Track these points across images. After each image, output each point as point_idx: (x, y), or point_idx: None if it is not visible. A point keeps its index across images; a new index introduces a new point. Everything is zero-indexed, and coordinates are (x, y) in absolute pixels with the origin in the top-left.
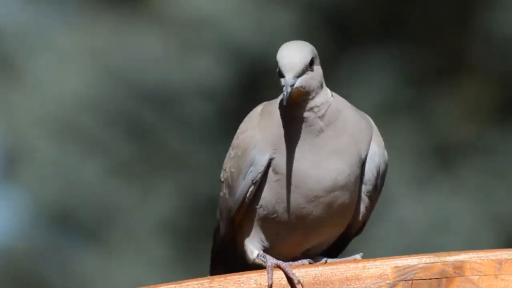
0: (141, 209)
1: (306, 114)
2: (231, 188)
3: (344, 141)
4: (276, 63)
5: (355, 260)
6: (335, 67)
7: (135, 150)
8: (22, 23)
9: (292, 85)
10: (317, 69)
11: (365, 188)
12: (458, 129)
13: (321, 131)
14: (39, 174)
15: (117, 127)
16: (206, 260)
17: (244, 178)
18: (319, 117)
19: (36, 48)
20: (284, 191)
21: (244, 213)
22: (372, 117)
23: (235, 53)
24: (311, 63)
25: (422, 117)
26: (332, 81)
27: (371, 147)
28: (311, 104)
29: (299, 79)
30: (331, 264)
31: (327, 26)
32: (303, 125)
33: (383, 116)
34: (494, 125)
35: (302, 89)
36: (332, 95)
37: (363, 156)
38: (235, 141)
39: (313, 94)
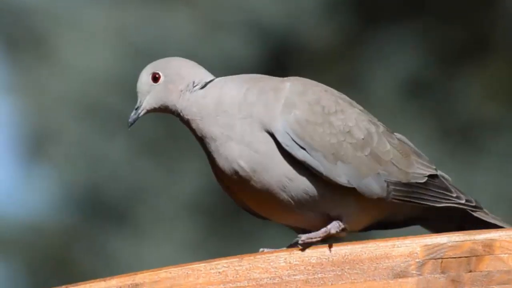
0: (168, 188)
1: (185, 119)
2: None
3: (222, 121)
4: None
5: (385, 239)
6: (360, 46)
7: (161, 129)
8: (51, 2)
9: (136, 108)
10: (167, 81)
11: (300, 159)
12: (482, 109)
13: (197, 127)
14: (67, 154)
15: None
16: (233, 239)
17: None
18: (186, 115)
19: (64, 28)
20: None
21: None
22: (396, 95)
23: (262, 32)
24: (156, 78)
25: (445, 96)
26: (356, 60)
27: (273, 117)
28: (178, 111)
29: (146, 99)
30: (360, 242)
31: (352, 5)
32: (194, 133)
33: (407, 95)
34: None
35: (153, 106)
36: (202, 87)
37: (268, 129)
38: None
39: (170, 103)
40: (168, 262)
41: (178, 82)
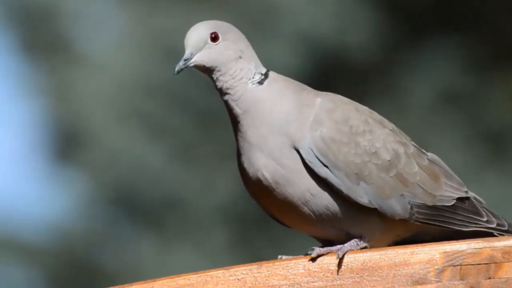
0: (199, 195)
1: (225, 98)
2: None
3: (263, 131)
4: None
5: (404, 246)
6: (396, 56)
7: (198, 135)
8: (85, 5)
9: (186, 59)
10: (226, 45)
11: (322, 176)
12: None
13: (239, 117)
14: (100, 157)
15: (181, 112)
16: (264, 247)
17: None
18: (235, 100)
19: (99, 30)
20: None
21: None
22: (433, 105)
23: (308, 43)
24: (215, 38)
25: (478, 105)
26: (392, 70)
27: (302, 134)
28: (226, 85)
29: (198, 54)
30: (379, 249)
31: (392, 17)
32: (230, 114)
33: (444, 105)
34: None
35: (203, 63)
36: (259, 82)
37: (296, 146)
38: None
39: (223, 69)
40: (195, 269)
41: (235, 54)
